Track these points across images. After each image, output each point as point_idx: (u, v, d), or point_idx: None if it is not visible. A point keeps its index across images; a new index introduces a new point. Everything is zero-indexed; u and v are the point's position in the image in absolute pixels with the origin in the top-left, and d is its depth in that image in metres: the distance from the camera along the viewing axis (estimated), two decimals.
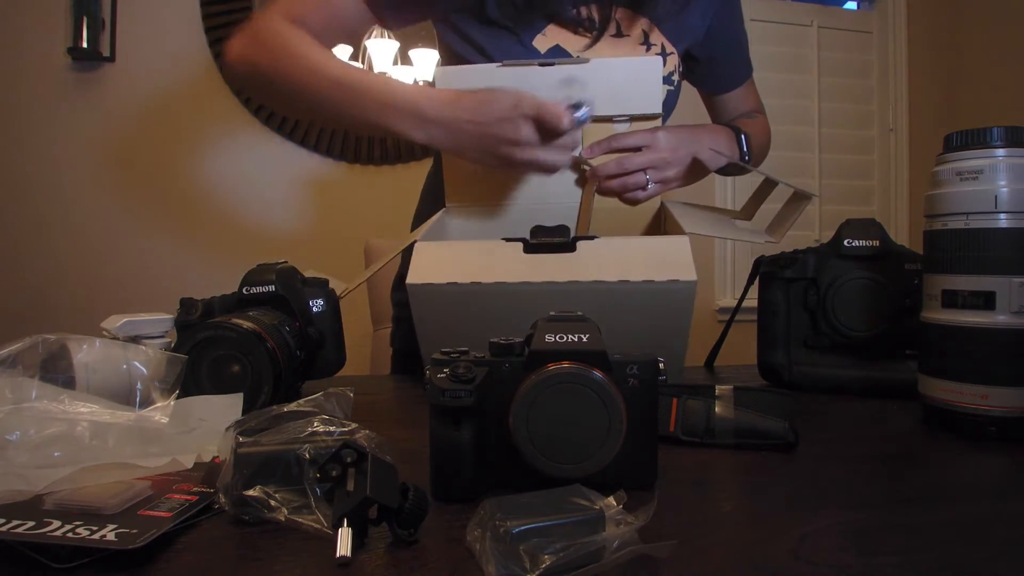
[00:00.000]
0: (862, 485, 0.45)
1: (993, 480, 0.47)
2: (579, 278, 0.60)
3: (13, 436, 0.41)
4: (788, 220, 0.76)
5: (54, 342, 0.51)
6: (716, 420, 0.51)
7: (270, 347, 0.58)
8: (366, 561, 0.32)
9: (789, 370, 0.73)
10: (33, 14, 1.99)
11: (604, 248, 0.63)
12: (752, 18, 2.50)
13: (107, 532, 0.32)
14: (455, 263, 0.63)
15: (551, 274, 0.61)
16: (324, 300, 0.71)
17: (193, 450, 0.45)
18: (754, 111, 1.04)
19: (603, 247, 0.63)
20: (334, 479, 0.35)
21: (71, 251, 2.04)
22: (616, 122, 0.80)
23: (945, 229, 0.55)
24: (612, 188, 0.80)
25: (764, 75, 2.42)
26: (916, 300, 0.60)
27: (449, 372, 0.39)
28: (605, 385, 0.38)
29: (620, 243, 0.64)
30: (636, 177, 0.78)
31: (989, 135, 0.53)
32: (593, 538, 0.31)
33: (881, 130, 2.77)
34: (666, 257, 0.61)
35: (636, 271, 0.60)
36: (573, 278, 0.60)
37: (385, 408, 0.71)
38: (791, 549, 0.34)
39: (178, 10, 2.09)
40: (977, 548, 0.35)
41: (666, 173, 0.79)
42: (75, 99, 2.03)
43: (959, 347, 0.54)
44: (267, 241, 2.16)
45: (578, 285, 0.60)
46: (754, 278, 0.77)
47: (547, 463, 0.38)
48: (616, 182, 0.79)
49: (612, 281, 0.60)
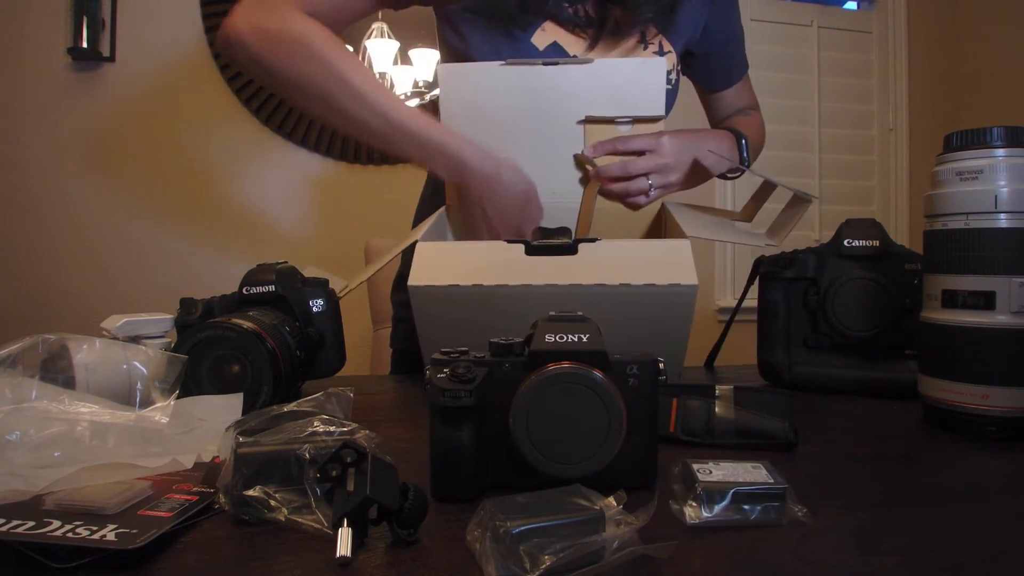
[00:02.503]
0: (862, 485, 0.45)
1: (993, 480, 0.47)
2: (581, 281, 0.60)
3: (13, 436, 0.41)
4: (788, 224, 0.76)
5: (54, 342, 0.51)
6: (716, 420, 0.51)
7: (270, 347, 0.58)
8: (366, 561, 0.32)
9: (789, 370, 0.73)
10: (33, 14, 1.99)
11: (606, 251, 0.63)
12: (752, 18, 2.51)
13: (107, 532, 0.32)
14: (456, 264, 0.63)
15: (553, 277, 0.61)
16: (324, 300, 0.71)
17: (193, 450, 0.45)
18: (749, 108, 1.04)
19: (604, 250, 0.63)
20: (334, 479, 0.35)
21: (71, 251, 2.04)
22: (619, 123, 0.80)
23: (945, 229, 0.55)
24: (615, 192, 0.80)
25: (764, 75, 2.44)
26: (916, 300, 0.60)
27: (449, 372, 0.39)
28: (605, 385, 0.38)
29: (622, 246, 0.64)
30: (639, 182, 0.79)
31: (989, 135, 0.53)
32: (593, 538, 0.31)
33: (881, 130, 2.77)
34: (668, 261, 0.61)
35: (638, 275, 0.60)
36: (575, 281, 0.60)
37: (385, 408, 0.71)
38: (791, 549, 0.34)
39: (178, 10, 2.09)
40: (977, 548, 0.35)
41: (669, 178, 0.80)
42: (75, 99, 2.03)
43: (959, 347, 0.54)
44: (267, 241, 2.16)
45: (580, 288, 0.60)
46: (754, 278, 0.77)
47: (547, 463, 0.38)
48: (619, 186, 0.80)
49: (614, 284, 0.60)
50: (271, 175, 2.21)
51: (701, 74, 1.01)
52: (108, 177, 2.07)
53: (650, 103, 0.78)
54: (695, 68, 1.00)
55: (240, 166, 2.18)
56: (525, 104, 0.78)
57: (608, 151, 0.80)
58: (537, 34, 0.82)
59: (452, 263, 0.63)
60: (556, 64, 0.76)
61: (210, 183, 2.16)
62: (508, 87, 0.78)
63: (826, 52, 2.69)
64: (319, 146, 2.21)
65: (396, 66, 2.28)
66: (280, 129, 2.17)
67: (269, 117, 2.15)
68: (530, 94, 0.78)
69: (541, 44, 0.82)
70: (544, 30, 0.82)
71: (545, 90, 0.77)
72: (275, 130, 2.17)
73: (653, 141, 0.79)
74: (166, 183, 2.11)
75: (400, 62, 2.29)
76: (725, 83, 1.02)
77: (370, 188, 2.26)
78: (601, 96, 0.78)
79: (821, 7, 2.72)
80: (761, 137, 1.03)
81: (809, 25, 2.68)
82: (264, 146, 2.19)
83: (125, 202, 2.08)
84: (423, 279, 0.62)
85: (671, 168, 0.79)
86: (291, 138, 2.19)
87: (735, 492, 0.37)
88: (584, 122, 0.79)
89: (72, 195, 2.04)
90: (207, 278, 1.95)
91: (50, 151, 2.02)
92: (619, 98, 0.78)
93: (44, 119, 2.02)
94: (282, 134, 2.18)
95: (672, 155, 0.79)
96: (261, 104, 2.13)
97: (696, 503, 0.37)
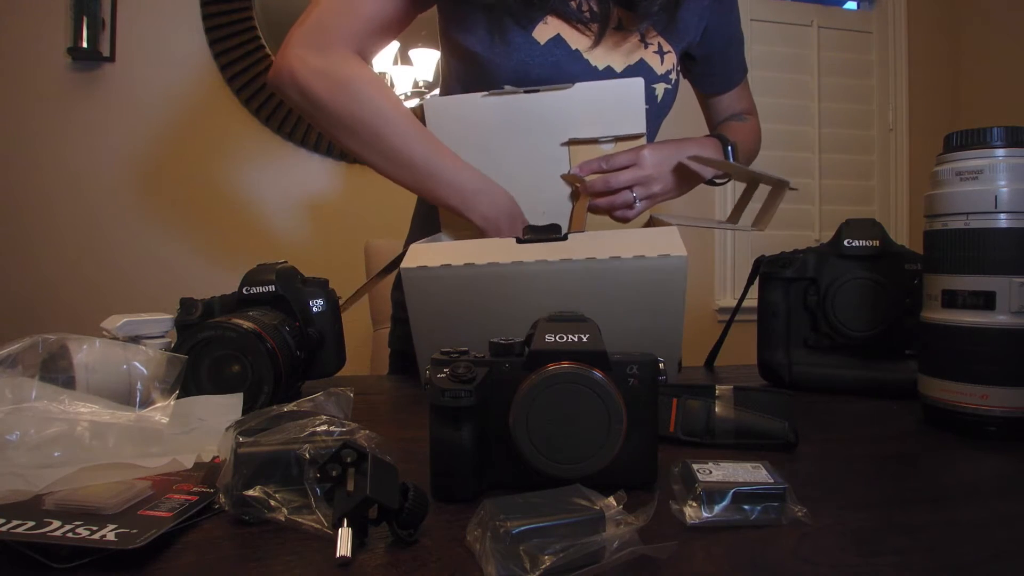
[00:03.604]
0: (862, 485, 0.45)
1: (993, 480, 0.47)
2: (571, 257, 0.61)
3: (13, 436, 0.41)
4: (770, 210, 0.79)
5: (54, 342, 0.51)
6: (716, 420, 0.51)
7: (270, 347, 0.58)
8: (366, 561, 0.32)
9: (789, 370, 0.73)
10: (33, 14, 1.99)
11: (595, 237, 0.64)
12: (752, 18, 2.51)
13: (107, 532, 0.32)
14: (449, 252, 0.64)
15: (543, 255, 0.62)
16: (324, 300, 0.71)
17: (193, 450, 0.45)
18: (746, 112, 1.05)
19: (594, 236, 0.64)
20: (334, 479, 0.35)
21: (70, 251, 2.04)
22: (601, 143, 0.81)
23: (945, 229, 0.55)
24: (601, 206, 0.82)
25: (764, 75, 2.44)
26: (916, 300, 0.60)
27: (449, 372, 0.39)
28: (605, 385, 0.38)
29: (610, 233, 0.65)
30: (623, 195, 0.80)
31: (989, 135, 0.53)
32: (593, 538, 0.31)
33: (881, 130, 2.77)
34: (656, 239, 0.62)
35: (627, 249, 0.61)
36: (565, 257, 0.61)
37: (385, 408, 0.71)
38: (791, 549, 0.34)
39: (178, 10, 2.09)
40: (977, 548, 0.35)
41: (652, 189, 0.81)
42: (75, 99, 2.03)
43: (959, 347, 0.54)
44: (267, 241, 2.16)
45: (570, 264, 0.61)
46: (754, 278, 0.77)
47: (547, 463, 0.38)
48: (604, 200, 0.81)
49: (604, 259, 0.60)
50: (271, 175, 2.21)
51: (700, 78, 1.02)
52: (107, 177, 2.07)
53: (630, 122, 0.80)
54: (695, 72, 1.01)
55: (240, 166, 2.18)
56: (509, 131, 0.80)
57: (593, 170, 0.81)
58: (539, 28, 0.82)
59: (444, 251, 0.64)
60: (537, 92, 0.78)
61: (210, 183, 2.16)
62: (491, 116, 0.79)
63: (826, 52, 2.69)
64: (319, 146, 2.21)
65: (396, 66, 2.28)
66: (280, 129, 2.17)
67: (269, 117, 2.15)
68: (513, 121, 0.80)
69: (543, 38, 0.82)
70: (547, 23, 0.83)
71: (528, 116, 0.79)
72: (275, 130, 2.17)
73: (634, 156, 0.80)
74: (166, 183, 2.11)
75: (400, 62, 2.29)
76: (724, 87, 1.03)
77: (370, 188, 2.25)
78: (583, 118, 0.80)
79: (821, 7, 2.72)
80: (756, 142, 1.03)
81: (809, 25, 2.68)
82: (264, 146, 2.19)
83: (125, 202, 2.08)
84: (416, 262, 0.63)
85: (653, 179, 0.81)
86: (291, 138, 2.19)
87: (735, 492, 0.37)
88: (568, 144, 0.81)
89: (72, 195, 2.04)
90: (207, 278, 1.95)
91: (50, 151, 2.02)
92: (600, 119, 0.80)
93: (44, 119, 2.02)
94: (282, 134, 2.18)
95: (653, 167, 0.81)
96: (261, 105, 2.13)
97: (696, 503, 0.37)
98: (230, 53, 2.11)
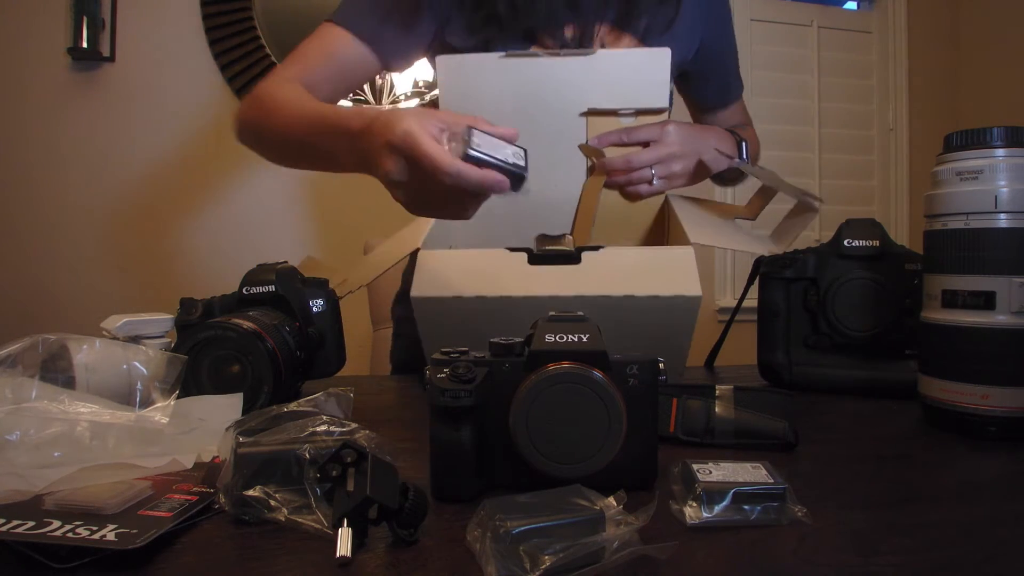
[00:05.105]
0: (862, 485, 0.45)
1: (993, 480, 0.47)
2: (584, 292, 0.60)
3: (13, 436, 0.41)
4: (793, 231, 0.76)
5: (54, 342, 0.51)
6: (716, 420, 0.51)
7: (270, 347, 0.58)
8: (366, 561, 0.32)
9: (789, 370, 0.73)
10: (33, 14, 1.99)
11: (608, 259, 0.62)
12: (752, 18, 2.50)
13: (107, 532, 0.32)
14: (459, 274, 0.62)
15: (556, 287, 0.61)
16: (324, 300, 0.71)
17: (193, 450, 0.45)
18: (743, 125, 1.04)
19: (607, 258, 0.62)
20: (334, 479, 0.35)
21: (70, 251, 2.04)
22: (621, 115, 0.78)
23: (945, 229, 0.55)
24: (617, 182, 0.79)
25: (764, 75, 2.44)
26: (916, 300, 0.60)
27: (449, 372, 0.39)
28: (605, 385, 0.38)
29: (625, 254, 0.64)
30: (642, 172, 0.78)
31: (989, 135, 0.53)
32: (593, 538, 0.31)
33: (881, 130, 2.77)
34: (671, 270, 0.61)
35: (641, 286, 0.60)
36: (578, 292, 0.60)
37: (385, 408, 0.71)
38: (791, 549, 0.34)
39: (178, 10, 2.09)
40: (977, 548, 0.35)
41: (673, 168, 0.78)
42: (75, 99, 2.03)
43: (959, 347, 0.54)
44: (267, 241, 2.16)
45: (583, 300, 0.60)
46: (754, 278, 0.77)
47: (547, 463, 0.38)
48: (622, 176, 0.79)
49: (617, 296, 0.60)
50: (270, 175, 2.20)
51: (697, 92, 1.01)
52: (107, 177, 2.06)
53: (654, 94, 0.77)
54: (691, 86, 0.99)
55: (240, 166, 2.18)
56: (524, 96, 0.77)
57: (613, 142, 0.78)
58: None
59: (455, 272, 0.63)
60: (557, 56, 0.75)
61: (210, 183, 2.15)
62: (507, 79, 0.77)
63: (826, 52, 2.69)
64: None
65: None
66: None
67: None
68: (530, 86, 0.77)
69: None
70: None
71: (545, 82, 0.76)
72: None
73: (658, 130, 0.77)
74: (165, 183, 2.11)
75: None
76: (721, 101, 1.02)
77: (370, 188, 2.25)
78: (603, 88, 0.76)
79: (821, 7, 2.72)
80: (756, 152, 1.03)
81: (809, 25, 2.68)
82: None
83: (125, 202, 2.08)
84: (425, 291, 0.62)
85: (676, 157, 0.78)
86: None
87: (735, 492, 0.37)
88: (586, 114, 0.78)
89: (71, 195, 2.04)
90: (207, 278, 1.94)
91: (49, 151, 2.02)
92: (622, 90, 0.77)
93: (44, 119, 2.02)
94: None
95: (678, 144, 0.78)
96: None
97: (696, 503, 0.37)
98: (230, 53, 2.11)
